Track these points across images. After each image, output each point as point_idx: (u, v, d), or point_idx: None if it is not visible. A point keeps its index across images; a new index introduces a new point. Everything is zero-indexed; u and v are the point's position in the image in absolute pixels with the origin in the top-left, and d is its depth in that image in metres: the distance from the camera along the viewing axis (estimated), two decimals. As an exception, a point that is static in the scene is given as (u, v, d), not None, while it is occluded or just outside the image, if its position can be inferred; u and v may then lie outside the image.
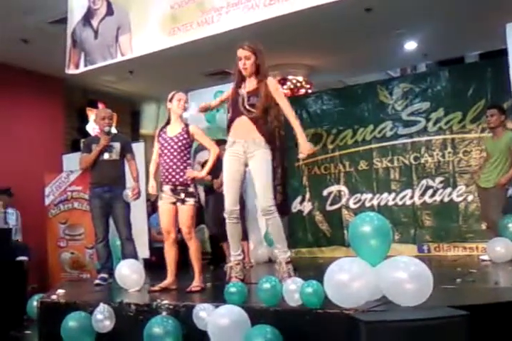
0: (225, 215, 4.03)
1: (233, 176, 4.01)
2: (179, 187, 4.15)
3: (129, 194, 5.12)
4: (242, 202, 4.29)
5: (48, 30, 6.90)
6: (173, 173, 4.16)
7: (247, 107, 3.92)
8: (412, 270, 2.70)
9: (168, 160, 4.18)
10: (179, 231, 4.29)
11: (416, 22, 7.24)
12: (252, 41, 3.98)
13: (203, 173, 4.27)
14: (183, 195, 4.13)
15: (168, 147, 4.20)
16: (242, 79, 4.04)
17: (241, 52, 3.96)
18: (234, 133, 4.02)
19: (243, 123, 3.94)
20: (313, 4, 4.39)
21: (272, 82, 4.00)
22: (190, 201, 4.13)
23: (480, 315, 2.64)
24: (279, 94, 4.00)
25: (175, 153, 4.18)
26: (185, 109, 4.29)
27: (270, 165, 3.97)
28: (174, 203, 4.18)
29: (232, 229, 4.05)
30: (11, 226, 7.13)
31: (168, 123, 4.34)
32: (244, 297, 3.30)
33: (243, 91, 3.98)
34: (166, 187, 4.19)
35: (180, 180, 4.15)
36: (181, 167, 4.17)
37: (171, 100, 4.28)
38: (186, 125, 4.28)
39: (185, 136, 4.20)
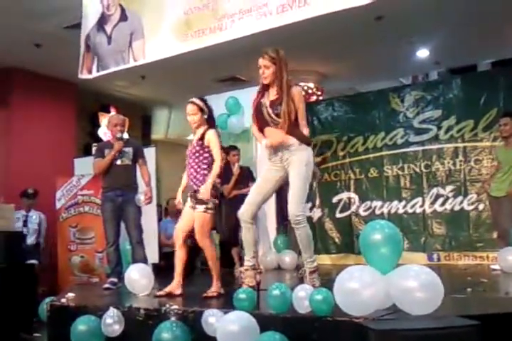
0: (239, 216, 4.03)
1: (265, 179, 4.02)
2: (194, 193, 4.17)
3: (142, 198, 5.15)
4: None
5: (61, 35, 6.96)
6: (192, 180, 4.18)
7: (273, 117, 3.90)
8: (423, 279, 2.69)
9: (188, 166, 4.22)
10: (190, 237, 4.30)
11: (428, 30, 7.24)
12: (274, 49, 3.91)
13: (202, 190, 4.10)
14: (194, 201, 4.14)
15: (188, 152, 4.23)
16: (264, 88, 4.01)
17: (261, 61, 3.92)
18: (271, 143, 3.92)
19: (272, 132, 3.89)
20: (326, 12, 4.40)
21: (296, 92, 3.96)
22: (200, 208, 4.11)
23: (491, 325, 2.62)
24: (301, 105, 3.97)
25: (192, 159, 4.19)
26: (195, 123, 4.24)
27: (308, 167, 3.90)
28: (193, 208, 4.19)
29: (245, 232, 4.04)
30: (31, 229, 7.20)
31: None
32: (253, 303, 3.30)
33: (266, 100, 3.96)
34: (191, 193, 4.21)
35: (194, 186, 4.16)
36: (196, 173, 4.17)
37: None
38: (207, 129, 4.24)
39: (201, 142, 4.18)
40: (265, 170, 4.08)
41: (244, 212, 4.01)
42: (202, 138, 4.18)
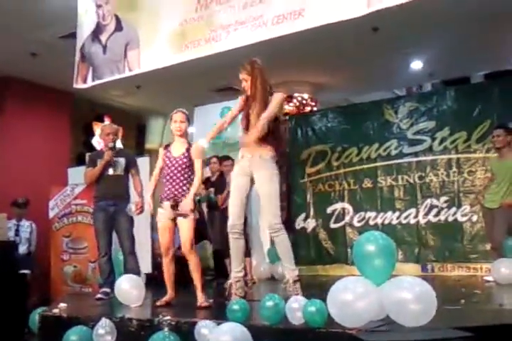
0: (228, 229, 4.03)
1: (239, 190, 4.02)
2: (176, 204, 4.16)
3: (133, 208, 5.13)
4: (245, 218, 4.28)
5: (57, 45, 6.98)
6: (176, 191, 4.18)
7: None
8: (417, 290, 2.69)
9: (171, 179, 4.21)
10: (179, 248, 4.29)
11: (422, 42, 7.29)
12: (249, 61, 4.04)
13: (188, 201, 4.12)
14: (177, 213, 4.14)
15: (172, 167, 4.22)
16: (247, 99, 4.07)
17: (240, 76, 4.05)
18: (243, 148, 4.06)
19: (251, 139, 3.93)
20: (320, 24, 4.42)
21: (275, 97, 4.00)
22: (191, 215, 4.13)
23: (484, 337, 2.62)
24: (272, 108, 3.93)
25: (178, 173, 4.20)
26: (181, 130, 4.29)
27: (277, 182, 3.96)
28: (173, 220, 4.19)
29: (234, 244, 4.03)
30: (23, 238, 7.16)
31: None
32: (246, 314, 3.28)
33: (250, 111, 4.01)
34: (166, 204, 4.19)
35: (183, 198, 4.16)
36: (184, 185, 4.19)
37: (170, 120, 4.34)
38: (189, 145, 4.28)
39: (188, 157, 4.22)
40: (234, 176, 4.09)
41: (231, 226, 3.99)
42: (188, 150, 4.22)
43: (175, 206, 4.16)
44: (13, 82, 8.25)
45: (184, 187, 4.18)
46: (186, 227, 4.14)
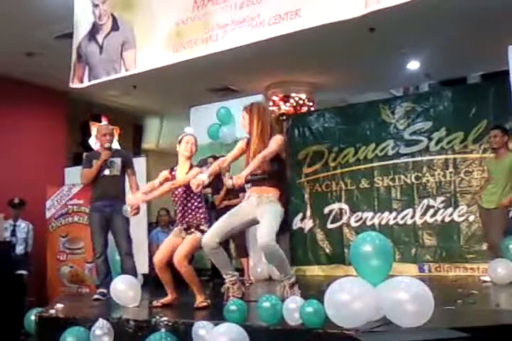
0: (202, 245, 3.91)
1: (237, 213, 3.99)
2: (193, 226, 4.19)
3: (128, 209, 5.11)
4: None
5: (53, 45, 6.95)
6: (186, 215, 4.21)
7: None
8: (414, 291, 2.69)
9: (180, 204, 4.23)
10: None
11: (419, 42, 7.30)
12: (251, 103, 4.11)
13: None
14: (193, 229, 4.17)
15: (177, 192, 4.23)
16: (249, 141, 4.06)
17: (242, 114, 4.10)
18: (249, 189, 4.04)
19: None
20: (317, 24, 4.41)
21: (273, 138, 3.93)
22: (197, 234, 4.13)
23: (481, 338, 2.62)
24: (270, 144, 3.88)
25: (185, 197, 4.22)
26: (192, 152, 4.30)
27: (279, 216, 3.86)
28: (183, 238, 4.20)
29: (213, 257, 3.94)
30: (20, 239, 7.15)
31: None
32: (244, 315, 3.28)
33: (251, 153, 3.99)
34: (181, 227, 4.23)
35: (194, 221, 4.20)
36: (193, 208, 4.23)
37: (179, 142, 4.33)
38: (190, 168, 4.29)
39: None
40: (239, 205, 4.08)
41: (207, 242, 3.85)
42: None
43: (187, 228, 4.19)
44: (10, 82, 8.22)
45: (194, 208, 4.23)
46: (189, 241, 4.12)
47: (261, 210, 3.86)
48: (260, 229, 3.77)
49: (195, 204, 4.25)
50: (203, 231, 4.09)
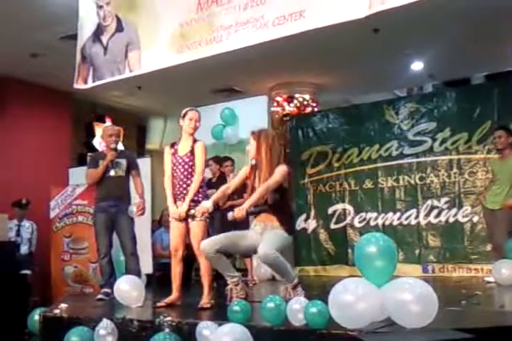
0: (201, 248, 3.89)
1: (243, 235, 3.98)
2: (192, 204, 4.16)
3: (134, 210, 5.15)
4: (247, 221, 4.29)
5: (57, 46, 6.97)
6: (184, 190, 4.20)
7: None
8: (418, 292, 2.69)
9: (180, 179, 4.23)
10: (187, 248, 4.29)
11: (423, 43, 7.29)
12: (259, 129, 4.10)
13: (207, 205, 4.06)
14: (193, 211, 4.12)
15: (180, 167, 4.25)
16: (254, 167, 4.06)
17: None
18: (255, 219, 4.03)
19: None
20: (321, 25, 4.42)
21: (278, 167, 3.91)
22: (200, 217, 4.12)
23: (485, 339, 2.62)
24: (274, 174, 3.87)
25: (185, 173, 4.23)
26: (195, 129, 4.31)
27: (284, 238, 3.85)
28: (185, 220, 4.19)
29: (213, 261, 3.92)
30: (24, 239, 7.17)
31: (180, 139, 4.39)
32: (247, 315, 3.28)
33: (256, 180, 4.01)
34: (179, 203, 4.22)
35: (195, 198, 4.18)
36: (186, 185, 4.22)
37: (183, 117, 4.31)
38: (194, 142, 4.29)
39: (190, 154, 4.26)
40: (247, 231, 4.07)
41: (207, 247, 3.84)
42: (192, 149, 4.25)
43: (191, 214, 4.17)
44: (14, 83, 8.25)
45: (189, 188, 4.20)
46: (196, 229, 4.15)
47: (264, 236, 3.85)
48: (260, 244, 3.74)
49: (191, 177, 4.23)
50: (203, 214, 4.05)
